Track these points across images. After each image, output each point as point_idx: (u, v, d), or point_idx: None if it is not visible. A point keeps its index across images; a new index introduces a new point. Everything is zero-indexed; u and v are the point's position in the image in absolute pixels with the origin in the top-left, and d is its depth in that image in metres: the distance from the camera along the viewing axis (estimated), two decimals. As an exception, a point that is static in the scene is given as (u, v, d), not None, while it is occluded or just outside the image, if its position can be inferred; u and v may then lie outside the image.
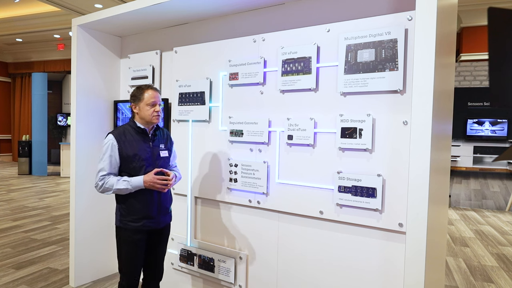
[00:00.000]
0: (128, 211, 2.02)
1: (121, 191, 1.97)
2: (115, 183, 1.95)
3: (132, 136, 2.04)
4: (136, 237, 2.02)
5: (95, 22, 2.82)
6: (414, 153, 1.56)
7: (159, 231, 2.14)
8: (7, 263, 3.43)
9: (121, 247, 2.06)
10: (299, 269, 2.22)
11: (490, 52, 3.56)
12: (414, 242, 1.55)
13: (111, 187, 1.96)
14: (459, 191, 7.55)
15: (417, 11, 1.54)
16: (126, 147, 2.00)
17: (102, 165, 1.98)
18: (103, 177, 1.97)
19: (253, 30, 2.42)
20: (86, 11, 7.29)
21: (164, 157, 2.13)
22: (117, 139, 2.00)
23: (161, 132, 2.19)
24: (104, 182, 1.96)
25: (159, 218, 2.09)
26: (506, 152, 6.23)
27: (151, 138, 2.09)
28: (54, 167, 10.52)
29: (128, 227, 2.01)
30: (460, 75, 9.04)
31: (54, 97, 11.25)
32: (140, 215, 2.01)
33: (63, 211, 5.57)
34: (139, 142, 2.04)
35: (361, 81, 1.93)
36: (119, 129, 2.07)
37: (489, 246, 4.30)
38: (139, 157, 2.01)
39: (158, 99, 2.05)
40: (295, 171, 2.19)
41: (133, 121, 2.08)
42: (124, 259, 2.05)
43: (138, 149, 2.02)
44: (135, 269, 2.06)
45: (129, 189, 1.97)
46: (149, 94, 2.02)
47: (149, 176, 1.98)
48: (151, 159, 2.05)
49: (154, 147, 2.09)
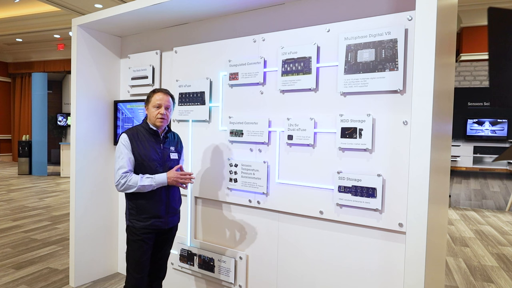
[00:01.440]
0: (138, 210, 2.05)
1: (145, 187, 1.99)
2: (139, 180, 1.97)
3: (144, 136, 2.08)
4: (144, 236, 2.05)
5: (95, 22, 2.82)
6: (414, 153, 1.55)
7: (166, 231, 2.17)
8: (7, 263, 3.43)
9: (129, 245, 2.09)
10: (299, 269, 2.22)
11: (490, 52, 3.56)
12: (414, 242, 1.55)
13: (135, 184, 1.97)
14: (459, 191, 7.55)
15: (417, 11, 1.54)
16: (139, 147, 2.04)
17: (121, 163, 2.00)
18: (125, 174, 1.98)
19: (253, 30, 2.42)
20: (86, 11, 7.29)
21: (174, 159, 2.16)
22: (130, 138, 2.04)
23: (172, 135, 2.22)
24: (127, 180, 1.97)
25: (168, 218, 2.11)
26: (506, 152, 6.23)
27: (162, 140, 2.12)
28: (54, 167, 10.53)
29: (136, 226, 2.05)
30: (460, 75, 9.04)
31: (54, 97, 11.26)
32: (149, 214, 2.04)
33: (63, 211, 5.57)
34: (150, 143, 2.07)
35: (361, 81, 1.93)
36: (133, 129, 2.11)
37: (489, 246, 4.30)
38: (150, 157, 2.05)
39: (165, 102, 2.06)
40: (295, 171, 2.19)
41: (146, 122, 2.12)
42: (131, 258, 2.07)
43: (149, 149, 2.06)
44: (142, 269, 2.07)
45: (153, 185, 2.00)
46: (156, 97, 2.06)
47: (172, 172, 2.04)
48: (161, 160, 2.09)
49: (165, 149, 2.12)
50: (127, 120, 3.09)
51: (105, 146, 3.16)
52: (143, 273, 2.08)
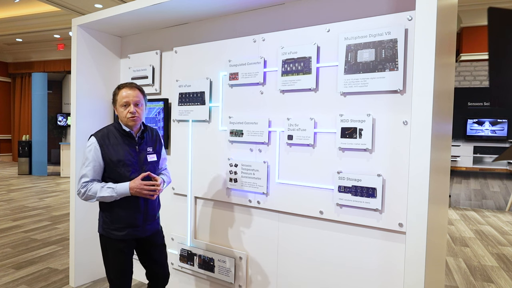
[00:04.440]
0: (112, 219, 1.86)
1: (105, 198, 1.81)
2: (98, 190, 1.79)
3: (116, 139, 1.86)
4: (122, 245, 1.88)
5: (95, 22, 2.82)
6: (414, 153, 1.56)
7: (147, 238, 1.98)
8: (7, 263, 3.43)
9: (107, 255, 1.92)
10: (299, 269, 2.22)
11: (490, 52, 3.57)
12: (414, 242, 1.55)
13: (94, 195, 1.79)
14: (459, 191, 7.55)
15: (417, 11, 1.54)
16: (110, 152, 1.83)
17: (85, 171, 1.81)
18: (86, 184, 1.80)
19: (253, 30, 2.42)
20: (86, 11, 7.29)
21: (152, 161, 1.95)
22: (100, 143, 1.83)
23: (150, 134, 2.00)
24: (86, 190, 1.79)
25: (145, 227, 1.93)
26: (506, 152, 6.24)
27: (137, 142, 1.91)
28: (54, 167, 10.52)
29: (111, 236, 1.87)
30: (460, 75, 9.04)
31: (54, 97, 11.25)
32: (124, 223, 1.86)
33: (63, 211, 5.57)
34: (123, 146, 1.86)
35: (361, 81, 1.93)
36: (103, 131, 1.89)
37: (489, 246, 4.30)
38: (124, 163, 1.84)
39: (133, 98, 1.83)
40: (295, 171, 2.19)
41: (118, 123, 1.90)
42: (112, 268, 1.92)
43: (122, 154, 1.84)
44: (124, 278, 1.93)
45: (114, 196, 1.80)
46: (122, 94, 1.83)
47: (135, 182, 1.80)
48: (137, 164, 1.88)
49: (141, 152, 1.91)
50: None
51: (105, 146, 3.15)
52: (126, 278, 1.94)
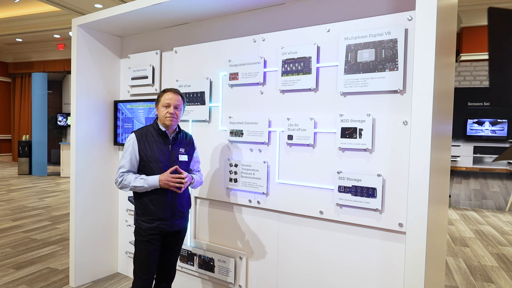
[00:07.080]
0: (143, 211, 2.06)
1: (137, 188, 2.01)
2: (132, 180, 2.00)
3: (153, 137, 2.08)
4: (150, 237, 2.05)
5: (95, 22, 2.82)
6: (414, 153, 1.55)
7: (173, 233, 2.14)
8: (7, 263, 3.43)
9: (136, 247, 2.09)
10: (299, 269, 2.22)
11: (490, 52, 3.57)
12: (414, 242, 1.55)
13: (128, 184, 2.01)
14: (459, 191, 7.55)
15: (417, 11, 1.54)
16: (146, 148, 2.05)
17: (123, 163, 2.04)
18: (123, 174, 2.03)
19: (253, 30, 2.42)
20: (86, 11, 7.29)
21: (183, 161, 2.13)
22: (138, 139, 2.06)
23: (184, 136, 2.19)
24: (123, 179, 2.02)
25: (173, 221, 2.09)
26: (506, 152, 6.24)
27: (171, 141, 2.11)
28: (54, 167, 10.53)
29: (142, 227, 2.05)
30: (460, 75, 9.04)
31: (54, 97, 11.26)
32: (154, 216, 2.04)
33: (63, 211, 5.57)
34: (158, 144, 2.07)
35: (361, 81, 1.93)
36: (142, 129, 2.12)
37: (489, 246, 4.30)
38: (157, 159, 2.05)
39: (175, 101, 2.05)
40: (295, 171, 2.19)
41: (156, 123, 2.12)
42: (138, 259, 2.07)
43: (156, 151, 2.06)
44: (148, 270, 2.06)
45: (145, 187, 2.00)
46: (166, 97, 2.06)
47: (164, 175, 2.01)
48: (168, 162, 2.07)
49: (173, 150, 2.11)
50: (127, 120, 3.09)
51: (105, 146, 3.16)
52: (149, 274, 2.07)
